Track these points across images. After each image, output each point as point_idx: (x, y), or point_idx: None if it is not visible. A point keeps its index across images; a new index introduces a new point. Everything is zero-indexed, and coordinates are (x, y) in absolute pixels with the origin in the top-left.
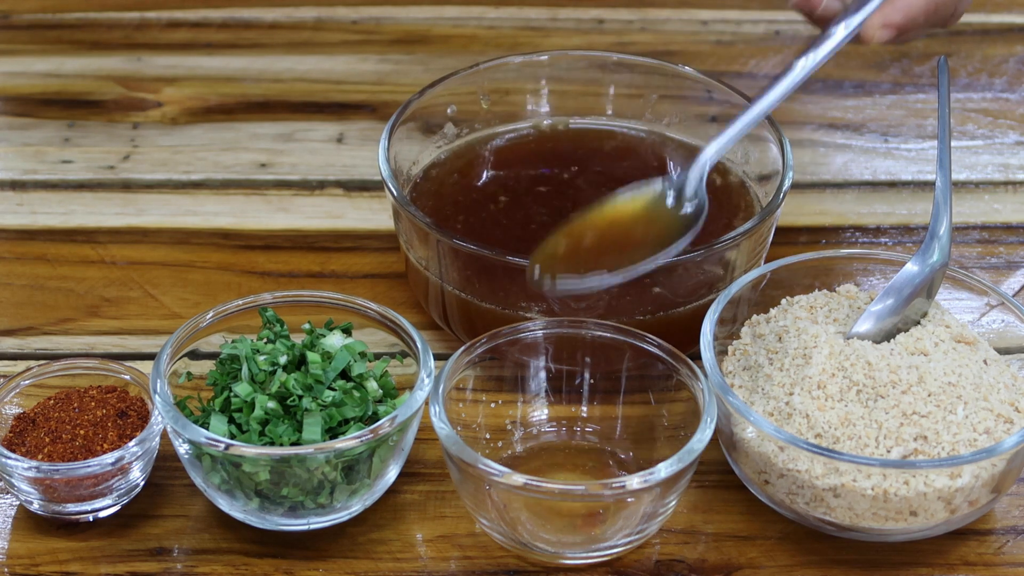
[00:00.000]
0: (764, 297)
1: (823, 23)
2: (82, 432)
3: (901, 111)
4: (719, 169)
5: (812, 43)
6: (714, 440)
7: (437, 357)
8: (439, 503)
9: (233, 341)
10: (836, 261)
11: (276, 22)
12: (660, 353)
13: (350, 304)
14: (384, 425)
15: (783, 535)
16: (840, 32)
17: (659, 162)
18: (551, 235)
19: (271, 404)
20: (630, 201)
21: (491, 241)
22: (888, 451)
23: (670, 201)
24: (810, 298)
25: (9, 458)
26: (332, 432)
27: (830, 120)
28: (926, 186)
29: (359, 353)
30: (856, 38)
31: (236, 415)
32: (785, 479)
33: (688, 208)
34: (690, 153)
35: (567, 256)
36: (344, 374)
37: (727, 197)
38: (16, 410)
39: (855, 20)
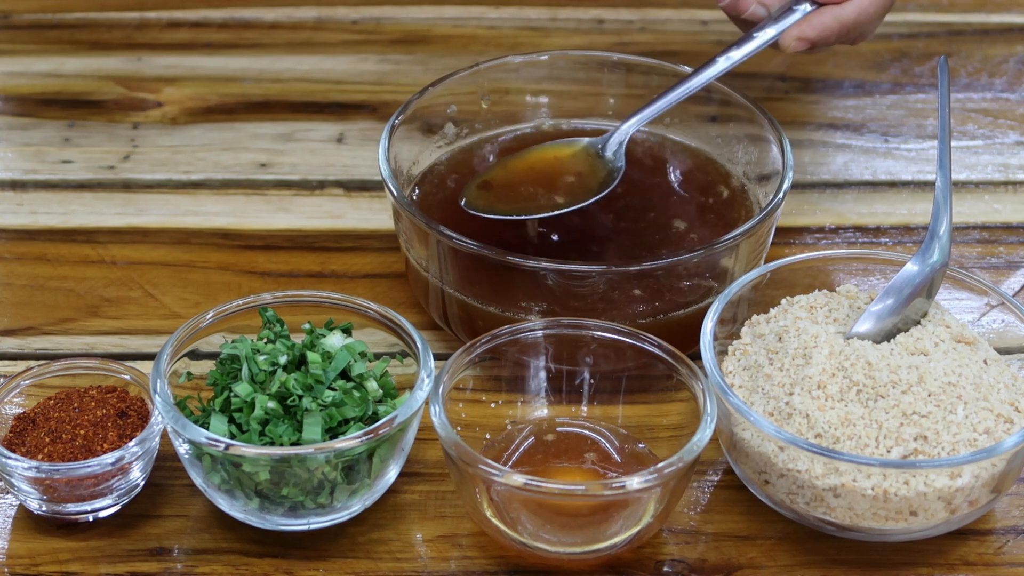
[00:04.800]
0: (764, 297)
1: (746, 27)
2: (82, 432)
3: (901, 111)
4: (719, 169)
5: (736, 42)
6: (714, 440)
7: (437, 357)
8: (439, 503)
9: (233, 341)
10: (836, 261)
11: (276, 22)
12: (660, 353)
13: (350, 304)
14: (384, 425)
15: (783, 535)
16: (760, 38)
17: (658, 163)
18: (485, 171)
19: (271, 404)
20: (555, 150)
21: (491, 242)
22: (888, 451)
23: (593, 157)
24: (810, 298)
25: (9, 458)
26: (332, 432)
27: (830, 120)
28: (926, 186)
29: (359, 353)
30: (774, 44)
31: (236, 415)
32: (785, 479)
33: (604, 169)
34: (690, 154)
35: (488, 192)
36: (344, 374)
37: (726, 196)
38: (16, 410)
39: (776, 29)
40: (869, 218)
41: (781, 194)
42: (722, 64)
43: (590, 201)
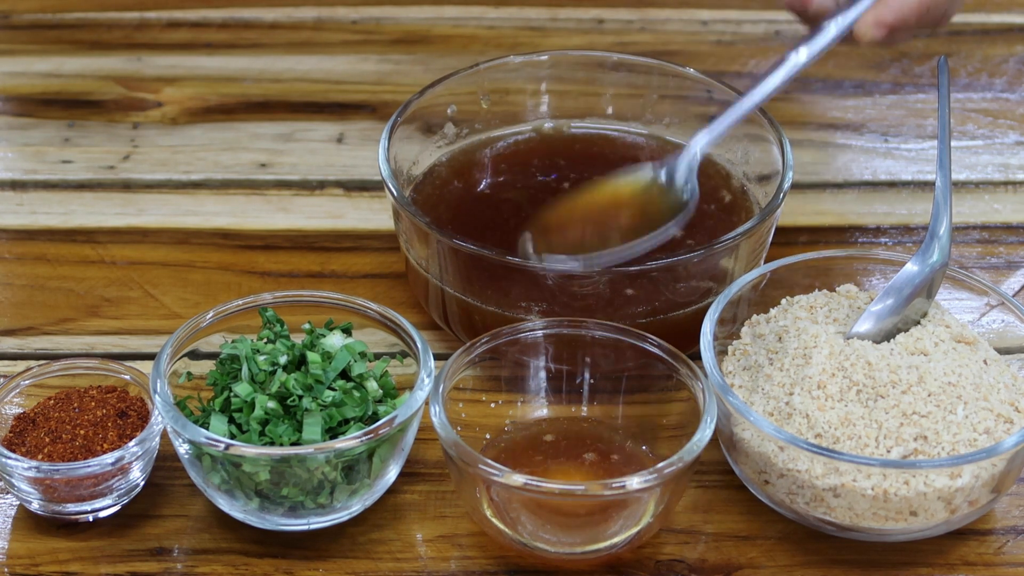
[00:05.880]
0: (764, 297)
1: (815, 21)
2: (82, 432)
3: (901, 111)
4: (719, 170)
5: (805, 38)
6: (714, 440)
7: (437, 357)
8: (439, 503)
9: (233, 341)
10: (836, 261)
11: (276, 22)
12: (660, 353)
13: (350, 304)
14: (384, 425)
15: (783, 535)
16: (833, 29)
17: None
18: (544, 210)
19: (271, 404)
20: (623, 185)
21: (491, 241)
22: (888, 451)
23: (661, 188)
24: (810, 298)
25: (9, 458)
26: (332, 432)
27: (830, 120)
28: (926, 186)
29: (359, 353)
30: (848, 36)
31: (236, 415)
32: (785, 479)
33: (678, 196)
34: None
35: (557, 235)
36: (344, 374)
37: (727, 198)
38: (16, 410)
39: (848, 18)
40: (869, 218)
41: (781, 194)
42: (792, 65)
43: (659, 241)
